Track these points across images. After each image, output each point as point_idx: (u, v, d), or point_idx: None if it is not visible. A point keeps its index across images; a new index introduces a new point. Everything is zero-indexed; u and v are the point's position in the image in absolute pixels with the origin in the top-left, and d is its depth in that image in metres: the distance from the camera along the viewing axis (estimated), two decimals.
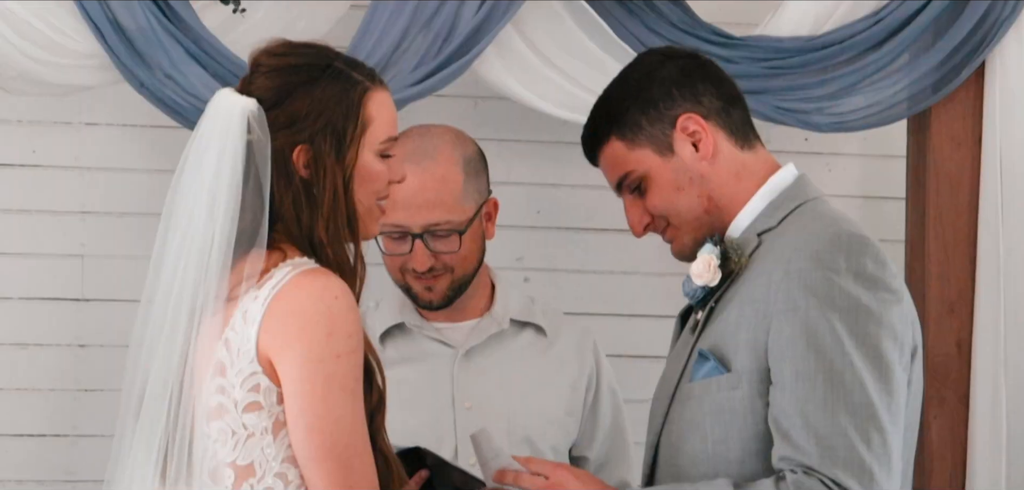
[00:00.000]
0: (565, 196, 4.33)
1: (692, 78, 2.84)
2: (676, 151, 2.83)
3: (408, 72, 3.96)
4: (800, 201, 2.81)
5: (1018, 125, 4.13)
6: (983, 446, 4.13)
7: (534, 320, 3.50)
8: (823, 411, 2.62)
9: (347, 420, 2.52)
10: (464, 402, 3.40)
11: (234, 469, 2.56)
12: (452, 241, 3.39)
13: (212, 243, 2.55)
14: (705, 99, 2.83)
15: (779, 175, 2.84)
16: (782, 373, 2.66)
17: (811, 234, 2.72)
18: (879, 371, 2.64)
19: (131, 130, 4.17)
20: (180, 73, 3.84)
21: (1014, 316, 4.13)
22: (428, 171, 3.39)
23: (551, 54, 4.04)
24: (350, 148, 2.61)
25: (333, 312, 2.52)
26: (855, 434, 2.60)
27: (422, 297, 3.43)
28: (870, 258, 2.68)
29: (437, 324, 3.46)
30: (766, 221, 2.80)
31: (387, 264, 3.45)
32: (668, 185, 2.83)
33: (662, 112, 2.82)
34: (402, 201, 3.34)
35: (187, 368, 2.55)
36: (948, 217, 4.19)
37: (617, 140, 2.85)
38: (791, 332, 2.65)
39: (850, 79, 4.11)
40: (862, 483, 2.60)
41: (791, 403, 2.64)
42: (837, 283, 2.65)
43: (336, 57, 2.65)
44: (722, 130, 2.84)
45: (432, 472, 3.07)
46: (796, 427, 2.63)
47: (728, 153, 2.83)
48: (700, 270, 2.79)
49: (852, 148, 4.41)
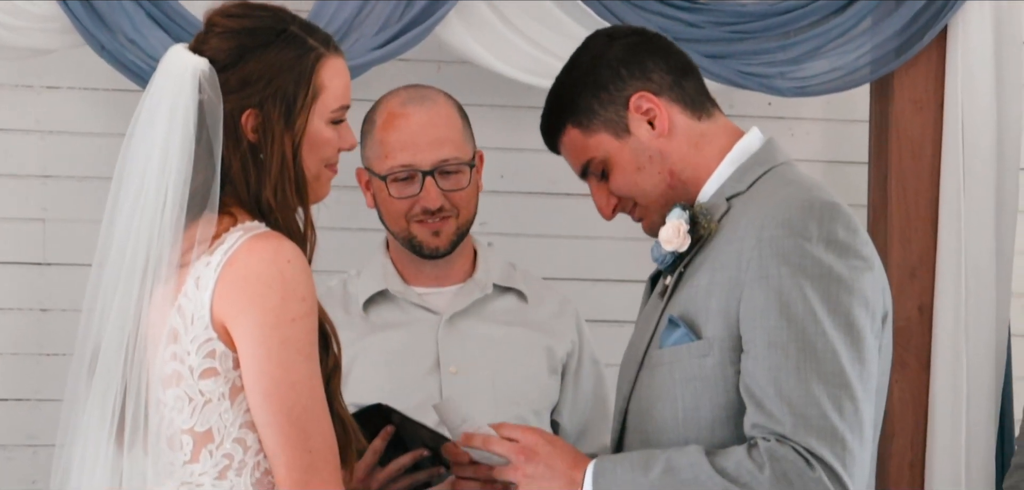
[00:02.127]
0: (529, 160, 4.32)
1: (639, 55, 2.83)
2: (632, 131, 2.81)
3: (371, 36, 3.95)
4: (769, 165, 2.81)
5: (980, 89, 4.15)
6: (944, 410, 4.16)
7: (515, 285, 3.51)
8: (796, 379, 2.61)
9: (304, 383, 2.52)
10: (449, 366, 3.40)
11: (192, 436, 2.55)
12: (462, 177, 3.40)
13: (165, 203, 2.54)
14: (655, 75, 2.82)
15: (745, 140, 2.83)
16: (754, 341, 2.66)
17: (782, 200, 2.71)
18: (851, 339, 2.64)
19: (92, 93, 4.15)
20: (141, 36, 3.82)
21: (975, 280, 4.15)
22: (432, 110, 3.41)
23: (514, 18, 4.04)
24: (300, 115, 2.60)
25: (286, 276, 2.52)
26: (828, 402, 2.60)
27: (428, 244, 3.41)
28: (841, 225, 2.68)
29: (420, 290, 3.46)
30: (735, 185, 2.80)
31: (389, 213, 3.42)
32: (629, 166, 2.82)
33: (613, 94, 2.81)
34: (410, 141, 3.36)
35: (140, 332, 2.55)
36: (910, 181, 4.20)
37: (573, 128, 2.84)
38: (763, 300, 2.65)
39: (813, 43, 4.12)
40: (834, 451, 2.60)
41: (763, 371, 2.64)
42: (809, 251, 2.65)
43: (292, 21, 2.64)
44: (676, 104, 2.82)
45: (398, 428, 3.07)
46: (769, 395, 2.63)
47: (685, 126, 2.82)
48: (669, 235, 2.78)
49: (815, 112, 4.42)
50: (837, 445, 2.60)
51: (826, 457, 2.60)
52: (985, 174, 4.16)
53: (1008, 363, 4.20)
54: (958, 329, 4.14)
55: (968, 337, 4.15)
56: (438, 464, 3.08)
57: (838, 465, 2.60)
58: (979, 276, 4.15)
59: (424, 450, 3.06)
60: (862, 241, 2.70)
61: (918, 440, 4.19)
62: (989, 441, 4.18)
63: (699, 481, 2.63)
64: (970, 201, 4.15)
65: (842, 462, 2.60)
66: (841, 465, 2.60)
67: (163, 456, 2.57)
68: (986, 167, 4.16)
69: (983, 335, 4.16)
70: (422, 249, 3.41)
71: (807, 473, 2.59)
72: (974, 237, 4.15)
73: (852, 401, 2.63)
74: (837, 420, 2.61)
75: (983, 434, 4.16)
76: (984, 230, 4.16)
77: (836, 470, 2.60)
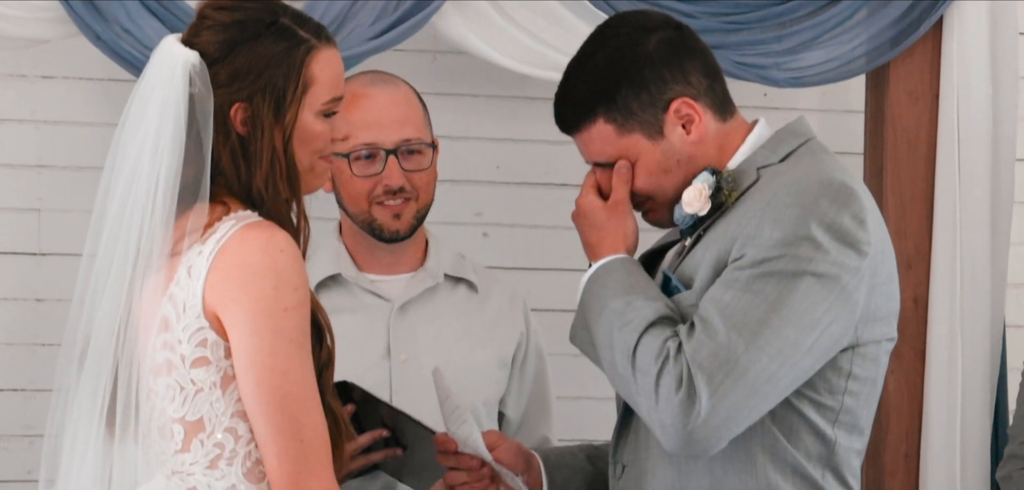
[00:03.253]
0: (525, 151, 4.32)
1: (680, 55, 2.81)
2: (666, 135, 2.81)
3: (366, 26, 3.94)
4: (805, 137, 2.82)
5: (975, 80, 4.14)
6: (939, 400, 4.16)
7: (466, 276, 3.51)
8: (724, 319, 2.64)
9: (296, 373, 2.52)
10: (400, 354, 3.40)
11: (183, 425, 2.55)
12: (423, 158, 3.40)
13: (156, 194, 2.54)
14: (693, 78, 2.81)
15: (757, 131, 2.84)
16: (720, 279, 2.69)
17: (804, 172, 2.72)
18: (799, 325, 2.65)
19: (87, 83, 4.15)
20: (137, 26, 3.82)
21: (970, 271, 4.15)
22: (395, 92, 3.42)
23: (510, 8, 4.03)
24: (289, 108, 2.59)
25: (279, 265, 2.52)
26: (742, 347, 2.63)
27: (388, 227, 3.41)
28: (850, 213, 2.68)
29: (372, 276, 3.46)
30: (767, 156, 2.80)
31: (350, 194, 3.42)
32: (656, 168, 2.82)
33: (654, 95, 2.79)
34: (373, 120, 3.36)
35: (131, 321, 2.55)
36: (905, 172, 4.20)
37: (606, 122, 2.82)
38: (749, 255, 2.67)
39: (809, 34, 4.11)
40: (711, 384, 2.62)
41: (710, 299, 2.67)
42: (808, 225, 2.65)
43: (283, 13, 2.63)
44: (709, 108, 2.82)
45: (358, 407, 3.08)
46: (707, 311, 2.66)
47: (714, 129, 2.82)
48: (691, 198, 2.78)
49: (811, 103, 4.41)
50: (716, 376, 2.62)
51: (700, 388, 2.62)
52: (981, 165, 4.15)
53: (1003, 354, 4.20)
54: (954, 320, 4.14)
55: (963, 328, 4.15)
56: (397, 445, 3.09)
57: (706, 393, 2.61)
58: (975, 267, 4.15)
59: (383, 430, 3.07)
60: (865, 236, 2.69)
61: (913, 431, 4.19)
62: (984, 432, 4.18)
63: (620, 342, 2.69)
64: (966, 192, 4.15)
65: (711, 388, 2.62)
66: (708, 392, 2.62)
67: (154, 445, 2.57)
68: (982, 158, 4.15)
69: (978, 326, 4.16)
70: (382, 232, 3.41)
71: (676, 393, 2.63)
72: (970, 228, 4.15)
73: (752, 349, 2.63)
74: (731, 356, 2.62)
75: (978, 425, 4.16)
76: (980, 221, 4.16)
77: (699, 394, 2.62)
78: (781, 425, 2.73)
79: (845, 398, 2.75)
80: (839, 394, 2.75)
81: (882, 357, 2.79)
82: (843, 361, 2.74)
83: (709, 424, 2.63)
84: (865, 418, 2.80)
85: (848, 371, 2.74)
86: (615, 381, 2.76)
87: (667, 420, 2.64)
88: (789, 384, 2.68)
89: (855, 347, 2.74)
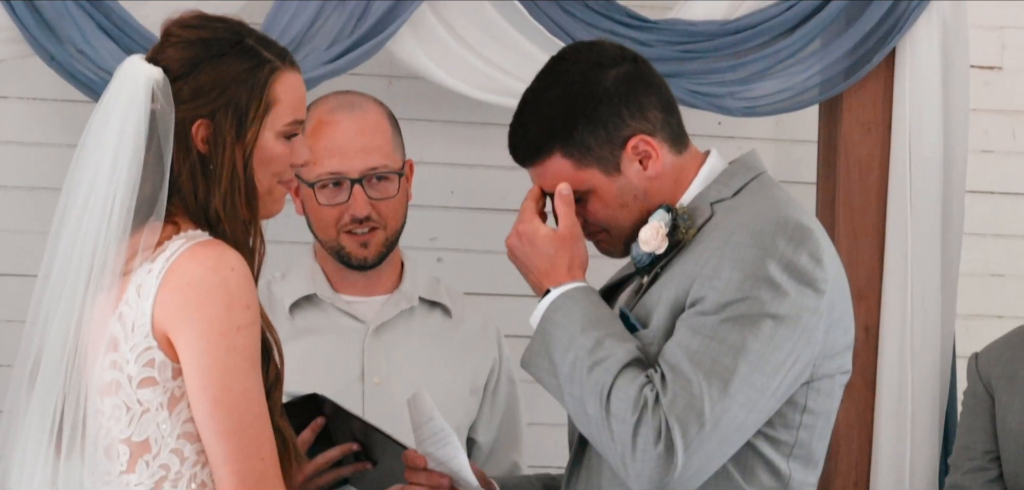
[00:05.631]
0: (479, 176, 4.32)
1: (636, 91, 2.80)
2: (623, 170, 2.80)
3: (322, 50, 3.94)
4: (756, 172, 2.82)
5: (927, 112, 4.17)
6: (888, 430, 4.17)
7: (441, 300, 3.51)
8: (693, 364, 2.63)
9: (253, 392, 2.52)
10: (373, 377, 3.40)
11: (129, 445, 2.54)
12: (390, 185, 3.40)
13: (112, 211, 2.54)
14: (650, 114, 2.80)
15: (710, 162, 2.84)
16: (685, 322, 2.67)
17: (759, 212, 2.72)
18: (764, 370, 2.65)
19: (41, 104, 4.13)
20: (91, 47, 3.80)
21: (921, 302, 4.17)
22: (361, 118, 3.41)
23: (466, 34, 4.04)
24: (251, 127, 2.60)
25: (230, 284, 2.51)
26: (706, 394, 2.62)
27: (356, 255, 3.41)
28: (807, 253, 2.68)
29: (347, 297, 3.46)
30: (720, 190, 2.80)
31: (318, 221, 3.41)
32: (613, 202, 2.82)
33: (611, 133, 2.79)
34: (338, 148, 3.36)
35: (81, 340, 2.54)
36: (858, 202, 4.22)
37: (562, 157, 2.81)
38: (711, 299, 2.66)
39: (763, 64, 4.13)
40: (686, 434, 2.61)
41: (678, 346, 2.66)
42: (766, 267, 2.66)
43: (248, 34, 2.64)
44: (665, 143, 2.82)
45: (329, 420, 3.07)
46: (675, 357, 2.65)
47: (670, 163, 2.82)
48: (648, 236, 2.78)
49: (764, 132, 4.43)
50: (691, 429, 2.61)
51: (677, 441, 2.61)
52: (932, 196, 4.18)
53: (953, 384, 4.22)
54: (904, 350, 4.16)
55: (914, 358, 4.16)
56: (367, 459, 3.08)
57: (682, 445, 2.61)
58: (925, 297, 4.17)
59: (353, 444, 3.06)
60: (821, 274, 2.69)
61: (863, 461, 4.20)
62: (933, 462, 4.19)
63: (594, 373, 2.67)
64: (917, 223, 4.17)
65: (685, 441, 2.61)
66: (683, 445, 2.61)
67: (100, 466, 2.56)
68: (933, 189, 4.18)
69: (928, 356, 4.17)
70: (350, 260, 3.41)
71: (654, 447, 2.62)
72: (920, 259, 4.17)
73: (724, 401, 2.63)
74: (706, 407, 2.62)
75: (927, 455, 4.18)
76: (930, 252, 4.18)
77: (676, 448, 2.61)
78: (736, 463, 2.73)
79: (800, 432, 2.76)
80: (794, 428, 2.75)
81: (836, 390, 2.80)
82: (799, 396, 2.74)
83: (684, 476, 2.63)
84: (819, 451, 2.80)
85: (803, 405, 2.75)
86: (580, 419, 2.74)
87: (644, 472, 2.63)
88: (754, 428, 2.69)
89: (811, 381, 2.75)
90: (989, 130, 4.52)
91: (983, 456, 3.84)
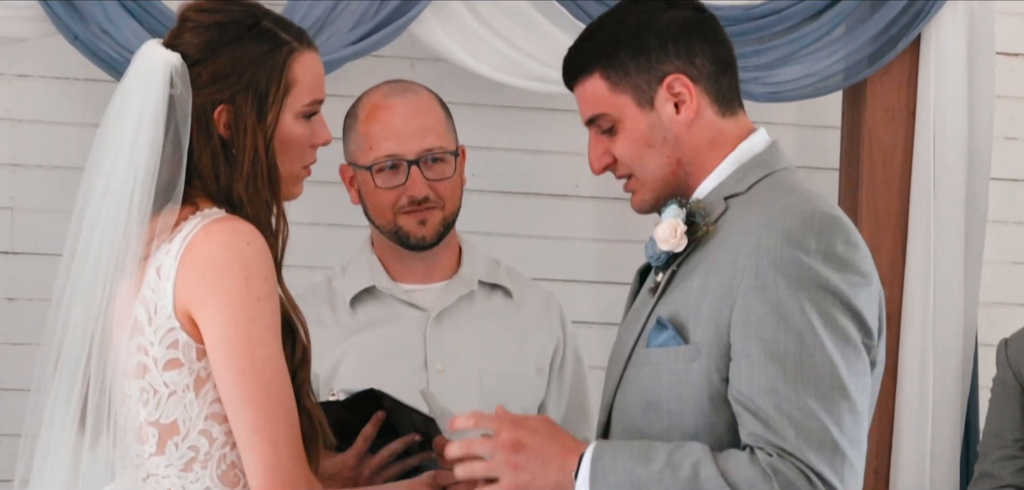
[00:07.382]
0: (500, 159, 4.32)
1: (690, 36, 2.75)
2: (656, 107, 2.75)
3: (345, 32, 3.94)
4: (771, 169, 2.76)
5: (951, 98, 4.16)
6: (909, 418, 4.17)
7: (501, 282, 3.51)
8: (794, 392, 2.57)
9: (276, 359, 2.52)
10: (437, 364, 3.40)
11: (157, 428, 2.55)
12: (446, 166, 3.41)
13: (132, 197, 2.54)
14: (698, 60, 2.75)
15: (750, 140, 2.78)
16: (748, 352, 2.61)
17: (782, 209, 2.66)
18: (847, 353, 2.60)
19: (64, 83, 4.14)
20: (115, 27, 3.81)
21: (943, 288, 4.16)
22: (415, 101, 3.43)
23: (489, 17, 4.04)
24: (271, 109, 2.59)
25: (246, 257, 2.51)
26: (827, 417, 2.57)
27: (414, 234, 3.41)
28: (841, 239, 2.64)
29: (407, 286, 3.46)
30: (734, 185, 2.74)
31: (375, 206, 3.42)
32: (640, 138, 2.76)
33: (652, 63, 2.74)
34: (394, 131, 3.37)
35: (105, 323, 2.54)
36: (881, 189, 4.21)
37: (601, 77, 2.76)
38: (760, 311, 2.61)
39: (787, 49, 4.12)
40: (834, 467, 2.56)
41: (761, 381, 2.59)
42: (807, 264, 2.61)
43: (265, 16, 2.63)
44: (707, 95, 2.75)
45: (389, 414, 3.06)
46: (768, 406, 2.58)
47: (708, 120, 2.76)
48: (665, 235, 2.73)
49: (787, 118, 4.42)
50: (837, 458, 2.57)
51: (825, 473, 2.56)
52: (956, 183, 4.17)
53: (975, 372, 4.21)
54: (926, 337, 4.16)
55: (935, 345, 4.16)
56: (430, 449, 3.07)
57: (836, 480, 2.57)
58: (948, 285, 4.16)
59: (416, 435, 3.05)
60: (861, 256, 2.66)
61: (883, 449, 4.20)
62: (954, 450, 4.19)
63: (700, 480, 2.58)
64: (940, 210, 4.16)
65: (841, 476, 2.57)
66: (839, 480, 2.57)
67: (130, 449, 2.56)
68: (957, 176, 4.17)
69: (950, 344, 4.17)
70: (409, 240, 3.42)
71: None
72: (943, 246, 4.16)
73: (851, 414, 2.59)
74: (837, 434, 2.57)
75: (948, 443, 4.18)
76: (954, 239, 4.17)
77: (834, 486, 2.57)
78: None
79: None
80: None
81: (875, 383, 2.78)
82: None
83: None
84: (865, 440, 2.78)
85: None
86: None
87: None
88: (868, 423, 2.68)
89: None
90: (1014, 117, 4.50)
91: (1013, 444, 3.83)
